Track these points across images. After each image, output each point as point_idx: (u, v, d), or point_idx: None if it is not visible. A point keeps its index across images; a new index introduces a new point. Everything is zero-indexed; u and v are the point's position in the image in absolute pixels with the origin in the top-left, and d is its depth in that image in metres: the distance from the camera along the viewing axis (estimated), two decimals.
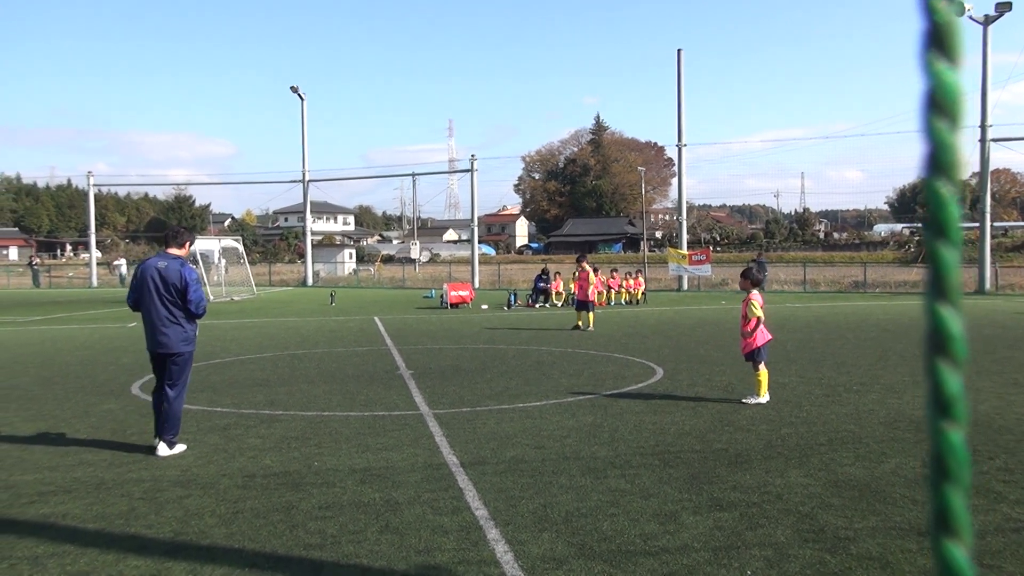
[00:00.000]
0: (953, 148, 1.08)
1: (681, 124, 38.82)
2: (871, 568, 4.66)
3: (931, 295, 1.12)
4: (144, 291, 7.71)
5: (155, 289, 7.66)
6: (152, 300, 7.67)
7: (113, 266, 55.85)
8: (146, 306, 7.72)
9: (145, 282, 7.71)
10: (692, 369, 12.64)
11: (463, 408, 9.68)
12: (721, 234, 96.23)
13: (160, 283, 7.66)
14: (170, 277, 7.66)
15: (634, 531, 5.33)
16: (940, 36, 1.08)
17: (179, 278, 7.66)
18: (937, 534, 1.12)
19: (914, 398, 9.90)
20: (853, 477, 6.54)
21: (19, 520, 5.79)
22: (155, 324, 7.69)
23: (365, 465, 7.12)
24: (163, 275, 7.67)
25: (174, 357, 7.76)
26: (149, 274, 7.71)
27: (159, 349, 7.74)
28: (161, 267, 7.71)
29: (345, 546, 5.15)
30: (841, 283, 39.09)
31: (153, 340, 7.75)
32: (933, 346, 1.12)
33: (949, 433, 1.11)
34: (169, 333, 7.69)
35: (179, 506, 6.04)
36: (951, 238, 1.09)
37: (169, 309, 7.69)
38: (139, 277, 7.80)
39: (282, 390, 11.16)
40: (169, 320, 7.69)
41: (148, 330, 7.78)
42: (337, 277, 55.10)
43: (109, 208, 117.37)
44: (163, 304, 7.67)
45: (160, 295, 7.65)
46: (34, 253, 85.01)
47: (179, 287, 7.65)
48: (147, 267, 7.82)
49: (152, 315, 7.70)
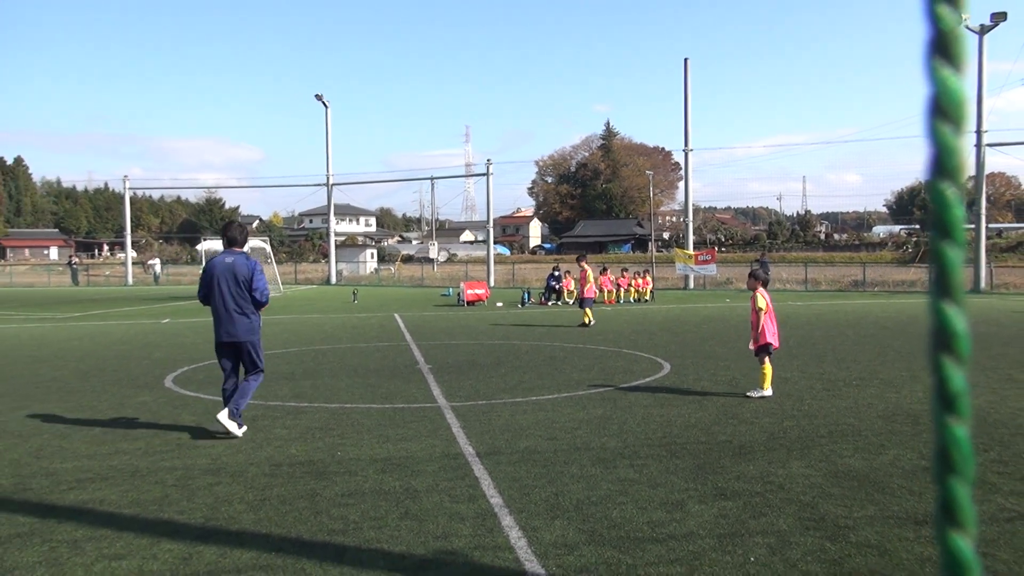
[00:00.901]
0: (957, 152, 1.07)
1: (688, 130, 38.73)
2: (869, 555, 4.62)
3: (936, 293, 1.10)
4: (214, 286, 7.93)
5: (224, 284, 7.89)
6: (222, 294, 7.90)
7: (148, 265, 56.20)
8: (215, 300, 7.94)
9: (214, 278, 7.93)
10: (698, 364, 12.59)
11: (479, 401, 9.67)
12: (726, 235, 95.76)
13: (230, 278, 7.90)
14: (238, 270, 7.92)
15: (642, 519, 5.31)
16: (944, 43, 1.07)
17: (246, 269, 7.95)
18: (943, 526, 1.10)
19: (911, 392, 9.83)
20: (852, 468, 6.50)
21: (59, 505, 5.83)
22: (223, 317, 7.93)
23: (386, 455, 7.13)
24: (232, 270, 7.92)
25: (243, 345, 8.02)
26: (218, 271, 7.94)
27: (228, 339, 7.98)
28: (228, 262, 7.97)
29: (367, 531, 5.15)
30: (841, 282, 38.86)
31: (222, 332, 7.97)
32: (938, 343, 1.10)
33: (954, 428, 1.10)
34: (237, 324, 7.94)
35: (210, 493, 6.07)
36: (956, 239, 1.08)
37: (237, 302, 7.93)
38: (208, 274, 8.01)
39: (307, 383, 11.19)
40: (237, 312, 7.93)
41: (217, 322, 8.00)
42: (359, 276, 55.26)
43: (144, 210, 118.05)
44: (231, 297, 7.90)
45: (229, 289, 7.89)
46: (73, 253, 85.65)
47: (246, 277, 7.92)
48: (216, 264, 8.02)
49: (221, 308, 7.92)
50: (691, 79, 38.59)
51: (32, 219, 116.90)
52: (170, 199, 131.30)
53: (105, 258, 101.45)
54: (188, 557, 4.75)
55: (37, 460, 7.13)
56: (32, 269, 72.48)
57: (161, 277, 52.61)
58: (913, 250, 62.93)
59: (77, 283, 52.16)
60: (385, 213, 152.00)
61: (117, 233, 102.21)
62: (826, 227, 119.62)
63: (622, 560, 4.60)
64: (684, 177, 41.42)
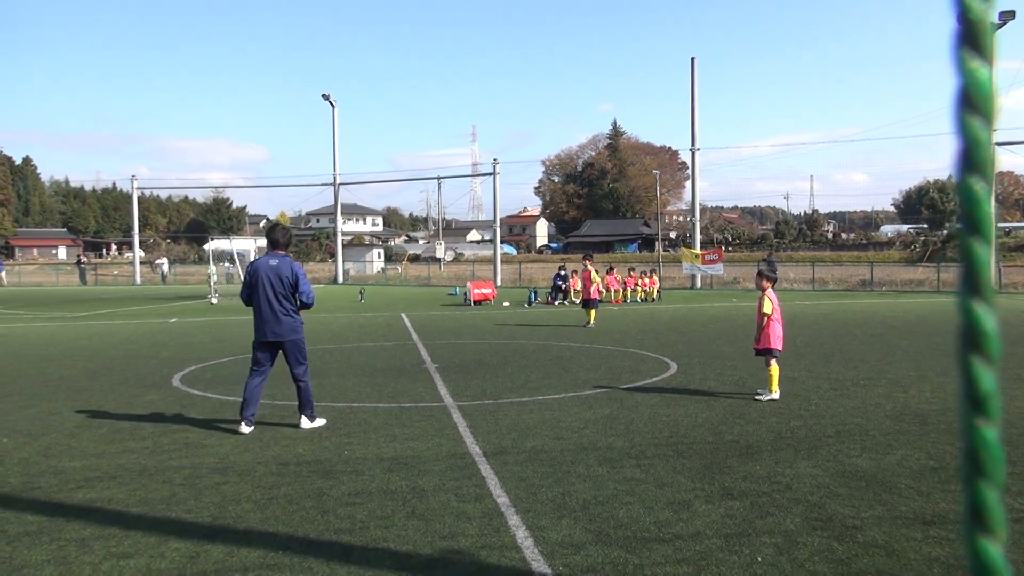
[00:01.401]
0: (986, 145, 1.05)
1: (695, 129, 38.63)
2: (877, 555, 4.60)
3: (964, 291, 1.08)
4: (258, 287, 8.05)
5: (269, 285, 8.03)
6: (266, 295, 8.03)
7: (155, 265, 56.33)
8: (259, 301, 8.06)
9: (259, 279, 8.06)
10: (705, 364, 12.56)
11: (486, 400, 9.66)
12: (733, 235, 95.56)
13: (274, 279, 8.04)
14: (283, 272, 8.06)
15: (649, 518, 5.29)
16: (973, 34, 1.05)
17: (291, 272, 8.09)
18: (972, 531, 1.08)
19: (919, 392, 9.79)
20: (860, 468, 6.47)
21: (67, 504, 5.84)
22: (268, 317, 8.06)
23: (392, 454, 7.12)
24: (276, 271, 8.06)
25: (288, 344, 8.17)
26: (263, 271, 8.07)
27: (272, 338, 8.11)
28: (273, 264, 8.09)
29: (373, 531, 5.14)
30: (849, 282, 38.75)
31: (267, 331, 8.09)
32: (967, 343, 1.08)
33: (983, 430, 1.08)
34: (283, 324, 8.09)
35: (217, 492, 6.07)
36: (984, 235, 1.06)
37: (281, 302, 8.07)
38: (252, 274, 8.14)
39: (313, 382, 11.13)
40: (281, 312, 8.07)
41: (260, 322, 8.11)
42: (366, 275, 55.30)
43: (151, 210, 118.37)
44: (276, 298, 8.04)
45: (274, 290, 8.03)
46: (81, 252, 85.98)
47: (291, 280, 8.08)
48: (260, 266, 8.15)
49: (265, 308, 8.05)
50: (697, 78, 38.51)
51: (40, 219, 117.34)
52: (177, 199, 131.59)
53: (113, 258, 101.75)
54: (195, 555, 4.75)
55: (46, 459, 7.15)
56: (40, 268, 72.73)
57: (168, 276, 52.74)
58: (921, 249, 62.70)
59: (85, 282, 52.32)
60: (392, 213, 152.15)
61: (125, 233, 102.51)
62: (833, 226, 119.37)
63: (629, 560, 4.58)
64: (691, 176, 41.34)
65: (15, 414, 9.21)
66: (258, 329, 8.15)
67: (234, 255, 36.89)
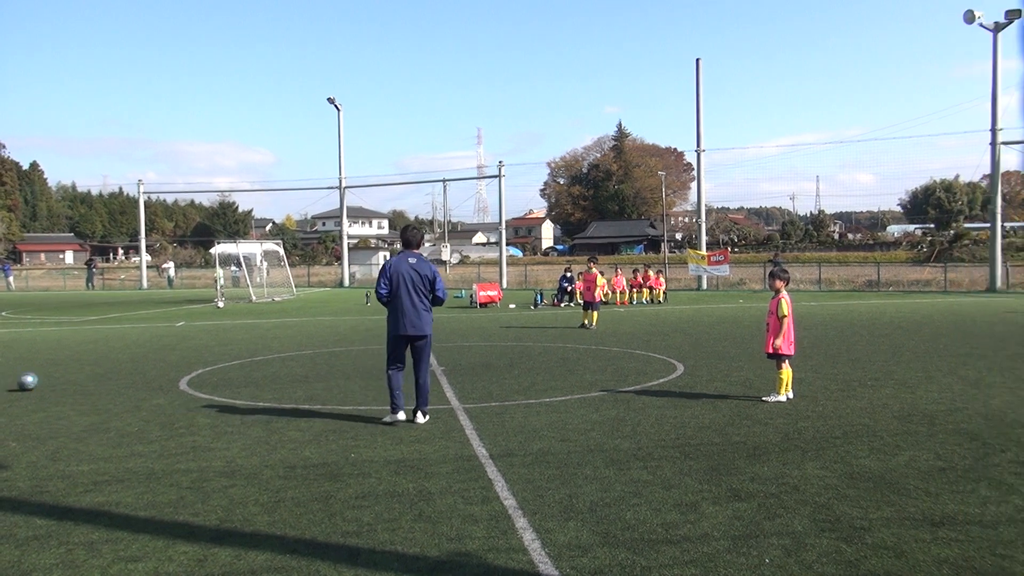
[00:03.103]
0: None
1: (700, 130, 38.61)
2: (885, 557, 4.59)
3: None
4: (400, 285, 8.40)
5: (409, 282, 8.41)
6: (407, 292, 8.40)
7: (162, 269, 56.45)
8: (403, 298, 8.41)
9: (400, 277, 8.41)
10: (711, 365, 12.54)
11: (492, 402, 9.67)
12: (739, 235, 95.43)
13: (416, 276, 8.45)
14: (422, 270, 8.49)
15: (656, 520, 5.29)
16: None
17: (429, 271, 8.54)
18: None
19: (927, 393, 9.76)
20: (868, 469, 6.45)
21: (75, 508, 5.86)
22: (409, 312, 8.41)
23: (399, 457, 7.13)
24: (416, 269, 8.47)
25: (423, 339, 8.56)
26: (403, 270, 8.43)
27: (413, 332, 8.46)
28: (413, 263, 8.50)
29: (380, 534, 5.15)
30: (855, 282, 38.66)
31: (407, 325, 8.43)
32: None
33: None
34: (423, 319, 8.50)
35: (224, 495, 6.09)
36: None
37: (421, 299, 8.49)
38: (393, 273, 8.45)
39: (320, 385, 11.22)
40: (422, 308, 8.48)
41: (400, 318, 8.43)
42: (372, 278, 55.32)
43: (158, 214, 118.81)
44: (416, 294, 8.44)
45: (414, 287, 8.43)
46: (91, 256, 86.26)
47: (430, 278, 8.52)
48: (399, 264, 8.49)
49: (406, 305, 8.41)
50: (702, 79, 38.46)
51: (48, 223, 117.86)
52: (184, 203, 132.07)
53: (120, 262, 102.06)
54: (203, 559, 4.77)
55: (54, 463, 7.18)
56: (48, 273, 72.97)
57: (175, 280, 52.89)
58: (928, 250, 62.44)
59: (92, 286, 52.51)
60: (398, 215, 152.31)
61: (132, 237, 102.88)
62: (840, 227, 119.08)
63: (636, 562, 4.58)
64: (696, 177, 41.29)
65: (23, 418, 9.25)
66: (398, 324, 8.44)
67: (240, 259, 36.94)
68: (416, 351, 8.61)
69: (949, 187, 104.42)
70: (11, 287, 51.90)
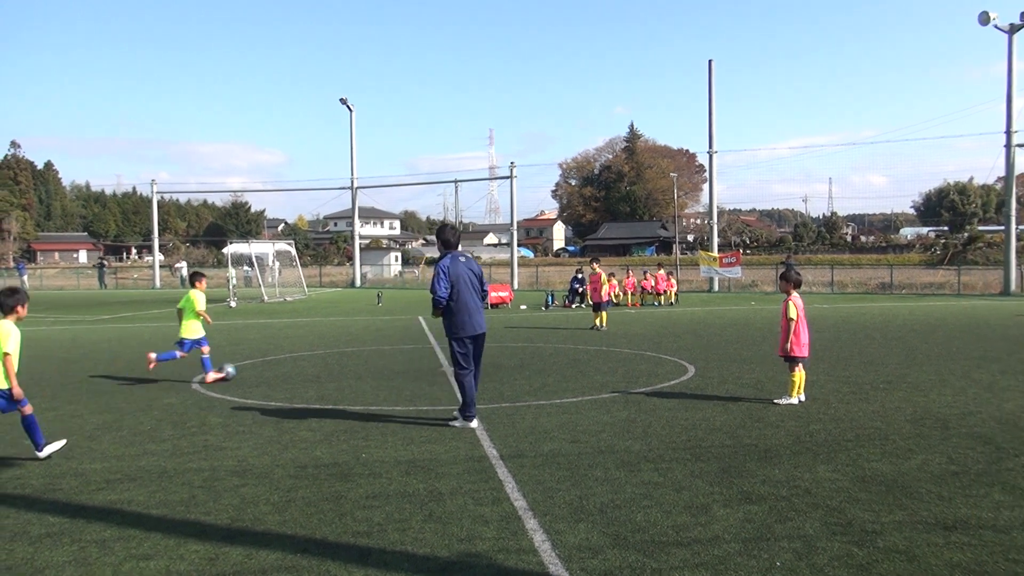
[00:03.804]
0: None
1: (712, 132, 38.50)
2: (898, 561, 4.57)
3: None
4: (462, 285, 8.36)
5: (468, 282, 8.43)
6: (468, 291, 8.40)
7: (175, 268, 56.77)
8: (464, 298, 8.36)
9: (460, 278, 8.37)
10: (723, 367, 12.51)
11: (503, 403, 9.67)
12: (751, 237, 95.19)
13: (471, 276, 8.50)
14: (474, 269, 8.59)
15: (667, 522, 5.28)
16: None
17: (478, 268, 8.67)
18: None
19: (940, 396, 9.70)
20: (880, 472, 6.42)
21: (88, 505, 5.90)
22: (474, 311, 8.44)
23: (410, 457, 7.14)
24: (470, 268, 8.53)
25: (484, 336, 8.62)
26: (460, 271, 8.40)
27: (480, 330, 8.49)
28: (464, 262, 8.52)
29: (391, 534, 5.16)
30: (868, 285, 38.48)
31: (475, 324, 8.43)
32: None
33: None
34: (483, 316, 8.57)
35: (236, 494, 6.11)
36: None
37: (479, 297, 8.56)
38: (454, 274, 8.34)
39: (331, 385, 11.25)
40: (481, 307, 8.58)
41: (466, 317, 8.38)
42: (383, 279, 55.49)
43: (171, 214, 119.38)
44: (475, 293, 8.50)
45: (473, 286, 8.48)
46: (104, 255, 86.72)
47: (480, 275, 8.65)
48: (455, 265, 8.40)
49: (470, 304, 8.40)
50: (715, 80, 38.35)
51: (62, 223, 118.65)
52: (197, 203, 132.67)
53: (133, 261, 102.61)
54: (214, 558, 4.79)
55: (67, 460, 7.23)
56: (62, 272, 73.46)
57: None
58: (941, 252, 62.12)
59: (104, 285, 52.82)
60: (409, 216, 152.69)
61: (145, 237, 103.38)
62: (852, 229, 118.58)
63: (647, 564, 4.57)
64: (708, 179, 41.18)
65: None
66: (466, 325, 8.37)
67: (252, 259, 37.08)
68: (477, 349, 8.57)
69: (963, 189, 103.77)
70: (25, 286, 52.28)
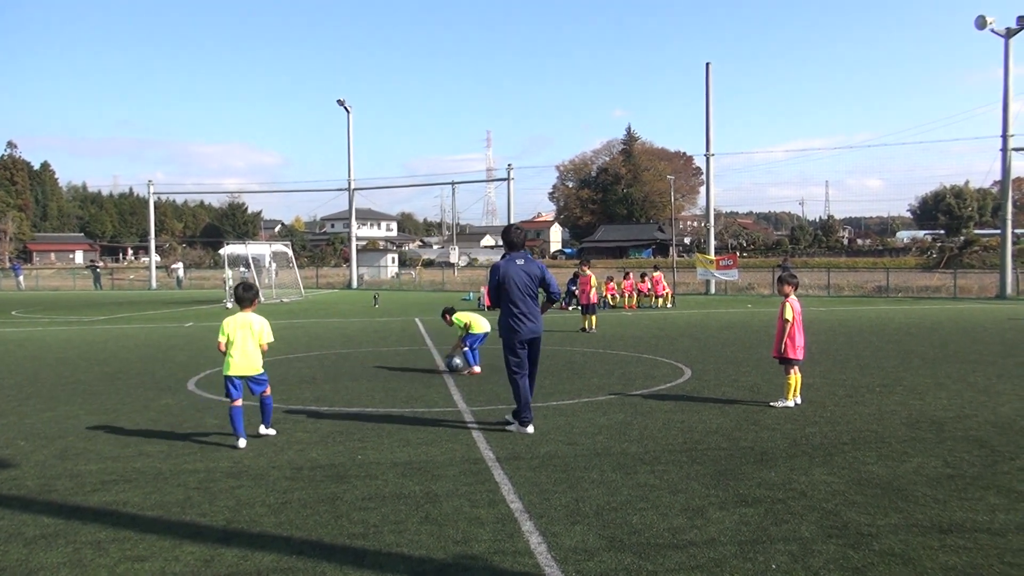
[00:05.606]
0: None
1: (709, 134, 38.50)
2: (893, 564, 4.57)
3: None
4: (512, 288, 8.17)
5: (523, 285, 8.21)
6: (520, 295, 8.19)
7: (171, 269, 56.69)
8: (516, 301, 8.18)
9: (511, 280, 8.18)
10: (719, 370, 12.51)
11: (499, 405, 9.67)
12: (747, 240, 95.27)
13: (527, 278, 8.23)
14: (533, 271, 8.29)
15: (662, 525, 5.28)
16: None
17: (538, 269, 8.36)
18: None
19: (936, 399, 9.72)
20: (876, 475, 6.43)
21: (83, 507, 5.88)
22: (527, 314, 8.20)
23: (406, 459, 7.13)
24: (527, 271, 8.25)
25: (540, 339, 8.43)
26: (512, 272, 8.21)
27: (532, 335, 8.26)
28: (521, 264, 8.28)
29: (387, 536, 5.16)
30: (864, 288, 38.49)
31: (527, 329, 8.21)
32: None
33: None
34: (538, 320, 8.33)
35: (231, 496, 6.10)
36: None
37: (534, 300, 8.31)
38: (504, 277, 8.21)
39: (328, 387, 11.24)
40: (537, 311, 8.31)
41: (518, 321, 8.18)
42: (380, 280, 55.47)
43: (168, 215, 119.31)
44: (531, 296, 8.26)
45: (529, 289, 8.24)
46: (96, 256, 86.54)
47: (541, 277, 8.34)
48: (508, 268, 8.24)
49: (523, 307, 8.19)
50: (712, 83, 38.39)
51: (58, 223, 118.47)
52: (193, 204, 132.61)
53: (129, 262, 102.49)
54: (210, 559, 4.78)
55: (62, 462, 7.21)
56: (58, 273, 73.33)
57: (184, 281, 53.06)
58: (937, 256, 62.20)
59: (100, 287, 52.73)
60: (406, 218, 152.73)
61: (141, 237, 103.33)
62: (849, 232, 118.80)
63: (642, 566, 4.57)
64: (705, 182, 41.22)
65: (32, 417, 9.29)
66: (517, 329, 8.17)
67: (249, 260, 37.03)
68: (532, 353, 8.39)
69: (959, 193, 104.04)
70: (21, 286, 52.18)
